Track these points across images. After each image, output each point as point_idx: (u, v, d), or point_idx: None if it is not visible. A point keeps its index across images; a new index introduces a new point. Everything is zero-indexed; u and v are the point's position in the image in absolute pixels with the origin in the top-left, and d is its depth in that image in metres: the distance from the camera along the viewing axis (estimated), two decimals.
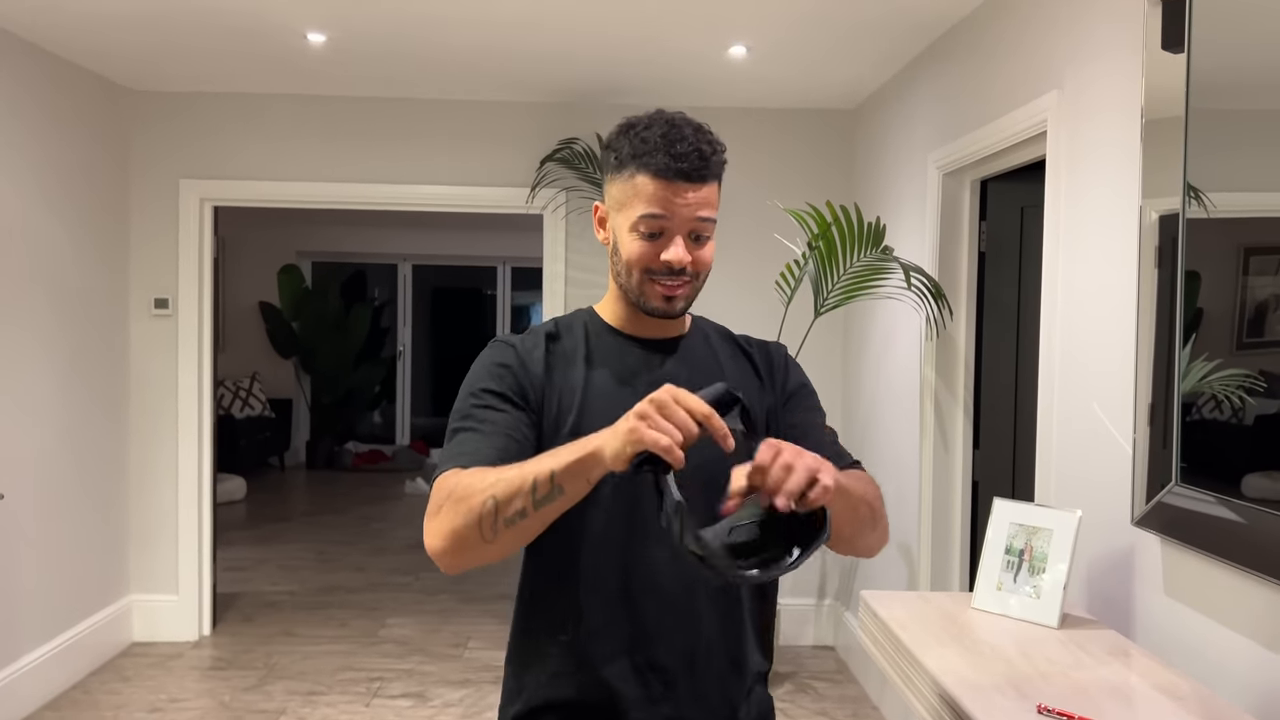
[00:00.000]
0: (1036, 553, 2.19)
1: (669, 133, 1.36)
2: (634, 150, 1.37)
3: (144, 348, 4.66)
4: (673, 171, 1.35)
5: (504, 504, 1.23)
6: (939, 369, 3.56)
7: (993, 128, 3.07)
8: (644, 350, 1.48)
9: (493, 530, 1.24)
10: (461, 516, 1.26)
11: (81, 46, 3.93)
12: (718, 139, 1.41)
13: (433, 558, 1.31)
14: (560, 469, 1.21)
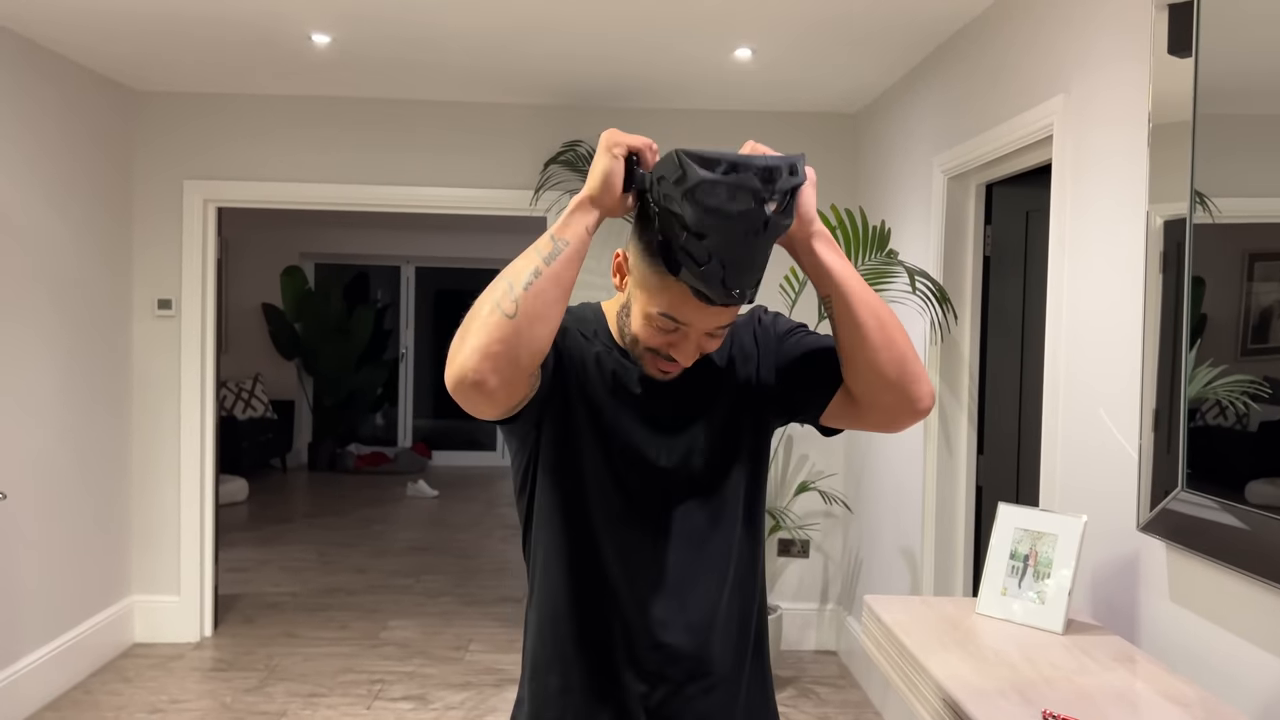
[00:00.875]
0: (1041, 558, 2.18)
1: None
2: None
3: (146, 348, 4.66)
4: (712, 301, 1.29)
5: (516, 277, 1.25)
6: (943, 373, 3.55)
7: (998, 132, 3.06)
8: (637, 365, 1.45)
9: (513, 303, 1.23)
10: (481, 318, 1.24)
11: (86, 47, 3.93)
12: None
13: (470, 390, 1.23)
14: (557, 227, 1.29)
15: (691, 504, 1.42)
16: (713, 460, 1.43)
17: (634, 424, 1.41)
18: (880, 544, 4.20)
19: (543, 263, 1.25)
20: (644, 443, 1.41)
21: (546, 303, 1.24)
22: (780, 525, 4.44)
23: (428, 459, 10.07)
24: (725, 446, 1.44)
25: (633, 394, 1.42)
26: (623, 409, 1.42)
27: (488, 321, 1.22)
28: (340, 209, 4.87)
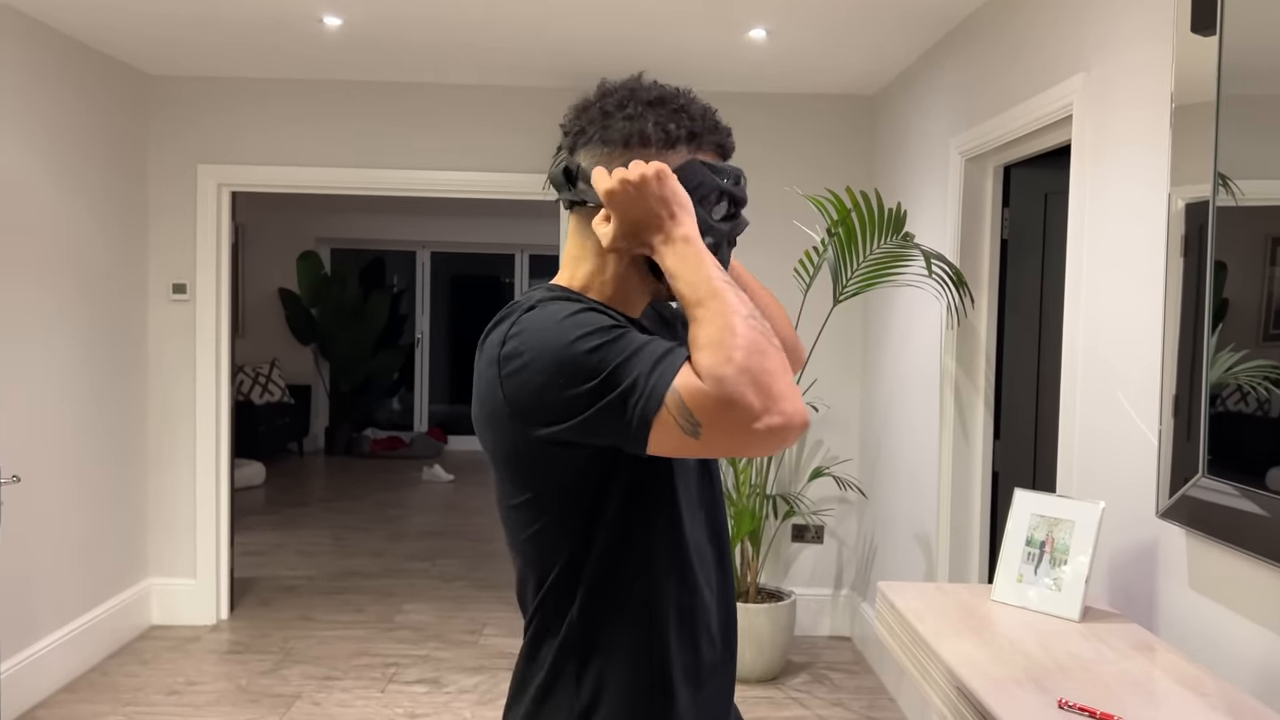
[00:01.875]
0: (1058, 544, 2.15)
1: (706, 105, 1.32)
2: (695, 127, 1.28)
3: (162, 333, 4.67)
4: (729, 148, 1.32)
5: (757, 313, 1.13)
6: (959, 358, 3.52)
7: (1017, 112, 3.02)
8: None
9: (774, 335, 1.13)
10: (773, 359, 1.09)
11: (102, 32, 3.93)
12: None
13: (799, 429, 1.08)
14: (711, 262, 1.18)
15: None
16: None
17: None
18: (895, 530, 4.18)
19: (745, 295, 1.17)
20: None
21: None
22: (794, 511, 4.42)
23: (443, 444, 10.09)
24: None
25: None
26: None
27: (786, 361, 1.10)
28: (354, 193, 4.86)
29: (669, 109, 1.30)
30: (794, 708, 3.93)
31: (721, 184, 1.30)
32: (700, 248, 1.19)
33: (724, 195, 1.30)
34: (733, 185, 1.30)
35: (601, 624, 1.25)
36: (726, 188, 1.30)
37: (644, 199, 1.20)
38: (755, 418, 1.05)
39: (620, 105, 1.29)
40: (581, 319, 1.16)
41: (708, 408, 1.05)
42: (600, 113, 1.29)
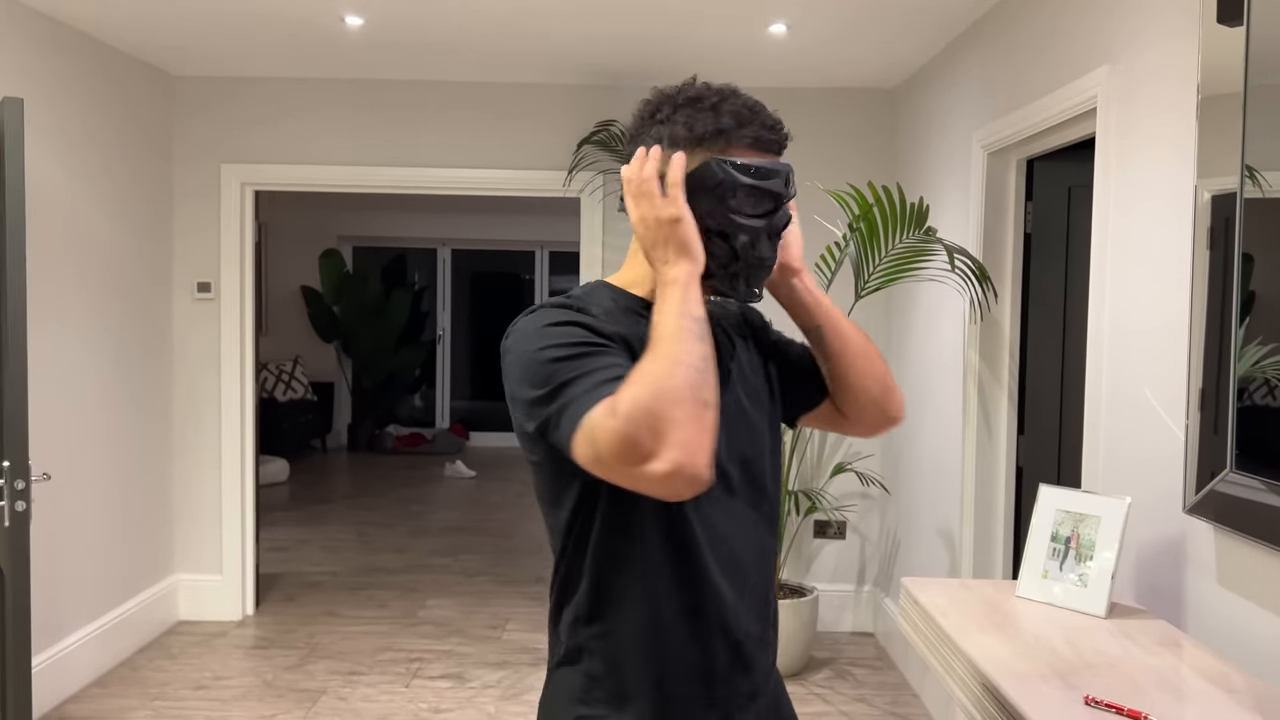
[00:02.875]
0: (1083, 540, 2.14)
1: (749, 103, 1.34)
2: (722, 124, 1.31)
3: (187, 331, 4.71)
4: (768, 143, 1.33)
5: (697, 361, 1.15)
6: (983, 353, 3.50)
7: (1040, 105, 3.00)
8: (726, 333, 1.49)
9: (711, 392, 1.15)
10: (686, 408, 1.11)
11: (126, 33, 3.96)
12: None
13: (694, 482, 1.11)
14: (683, 305, 1.21)
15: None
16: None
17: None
18: (918, 525, 4.16)
19: (704, 345, 1.18)
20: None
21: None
22: (816, 506, 4.41)
23: (465, 440, 10.13)
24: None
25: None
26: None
27: (702, 416, 1.12)
28: (375, 191, 4.88)
29: (699, 108, 1.32)
30: (816, 704, 3.93)
31: (744, 180, 1.30)
32: (684, 294, 1.23)
33: (753, 191, 1.31)
34: (761, 179, 1.30)
35: (605, 601, 1.33)
36: (751, 183, 1.30)
37: (649, 208, 1.29)
38: (643, 459, 1.10)
39: (657, 109, 1.36)
40: (558, 331, 1.24)
41: (606, 439, 1.11)
42: (641, 118, 1.37)
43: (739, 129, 1.32)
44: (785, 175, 1.32)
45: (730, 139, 1.32)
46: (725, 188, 1.30)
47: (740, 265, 1.34)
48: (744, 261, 1.33)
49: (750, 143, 1.31)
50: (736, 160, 1.30)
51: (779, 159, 1.35)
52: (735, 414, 1.40)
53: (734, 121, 1.32)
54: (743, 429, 1.41)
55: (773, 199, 1.32)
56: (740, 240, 1.32)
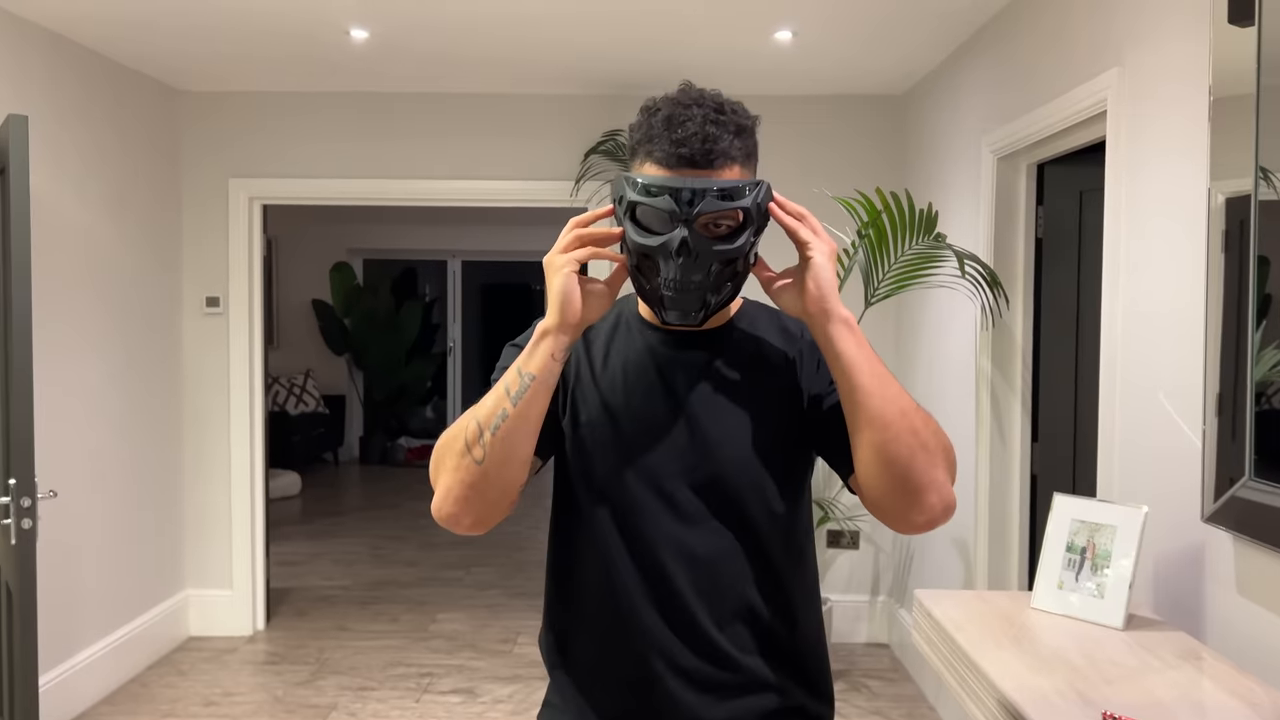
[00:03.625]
0: (1100, 550, 2.10)
1: (674, 114, 1.29)
2: (639, 136, 1.32)
3: (196, 345, 4.71)
4: (674, 158, 1.27)
5: (486, 419, 1.27)
6: (995, 360, 3.46)
7: (1050, 108, 2.97)
8: (679, 348, 1.42)
9: (481, 449, 1.26)
10: (452, 460, 1.29)
11: (133, 48, 3.97)
12: (738, 118, 1.31)
13: (445, 524, 1.31)
14: (523, 358, 1.28)
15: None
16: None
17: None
18: (932, 535, 4.12)
19: (510, 403, 1.26)
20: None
21: (514, 444, 1.27)
22: (829, 516, 4.37)
23: None
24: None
25: (672, 390, 1.48)
26: (658, 412, 1.50)
27: (459, 465, 1.28)
28: (384, 204, 4.88)
29: (644, 118, 1.32)
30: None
31: (630, 196, 1.27)
32: (532, 348, 1.29)
33: (646, 209, 1.27)
34: (646, 197, 1.26)
35: (553, 609, 1.46)
36: (636, 199, 1.27)
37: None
38: (432, 481, 1.34)
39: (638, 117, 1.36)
40: (509, 350, 1.44)
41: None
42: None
43: (648, 143, 1.30)
44: (683, 193, 1.24)
45: (642, 153, 1.31)
46: (625, 205, 1.28)
47: (650, 290, 1.32)
48: (651, 285, 1.31)
49: (660, 158, 1.28)
50: (636, 177, 1.28)
51: (712, 173, 1.27)
52: (688, 433, 1.37)
53: (646, 135, 1.30)
54: (699, 449, 1.36)
55: (669, 219, 1.26)
56: (631, 261, 1.31)
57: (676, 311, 1.31)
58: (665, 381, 1.39)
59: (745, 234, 1.30)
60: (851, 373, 1.25)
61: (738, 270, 1.33)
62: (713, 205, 1.25)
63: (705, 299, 1.31)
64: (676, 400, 1.38)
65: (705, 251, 1.27)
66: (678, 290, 1.28)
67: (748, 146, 1.32)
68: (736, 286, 1.35)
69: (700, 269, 1.27)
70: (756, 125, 1.34)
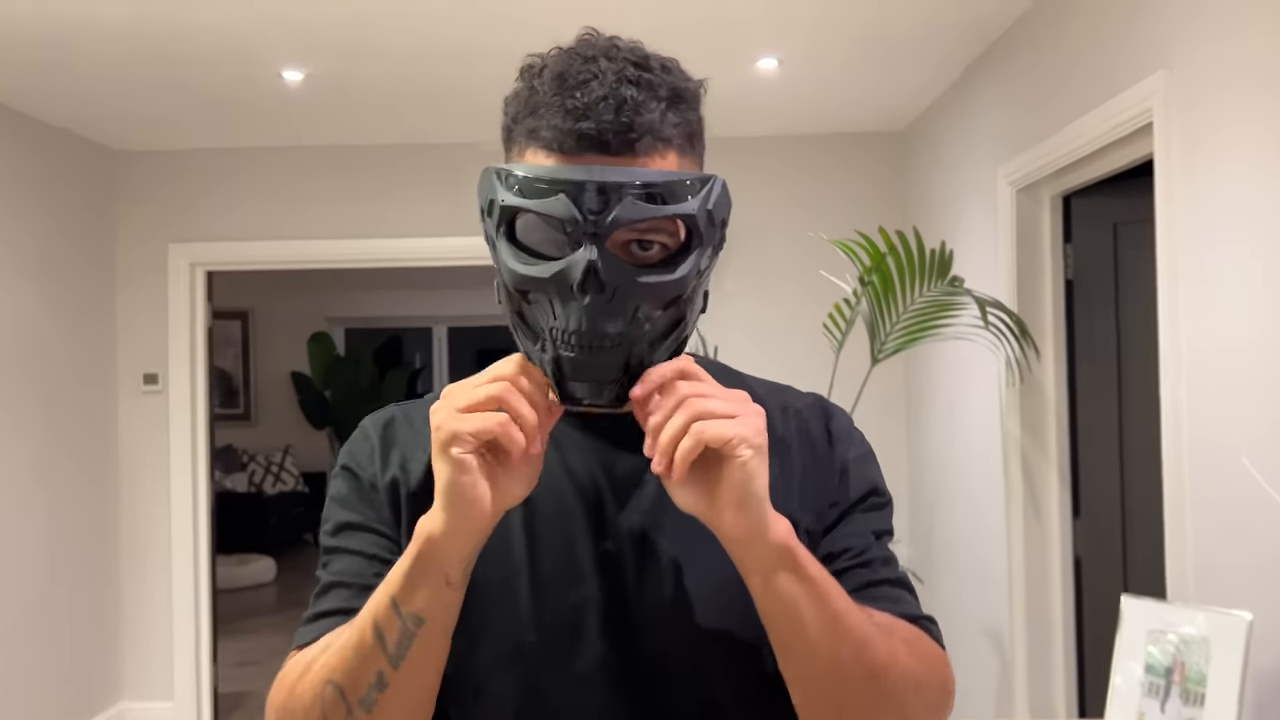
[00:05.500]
0: (1190, 672, 1.62)
1: (570, 70, 0.85)
2: (517, 109, 0.88)
3: (134, 428, 4.26)
4: (572, 137, 0.83)
5: (349, 682, 0.83)
6: (1025, 421, 2.99)
7: (1076, 128, 2.55)
8: (604, 447, 0.95)
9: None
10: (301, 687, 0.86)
11: (62, 106, 3.62)
12: (671, 78, 0.88)
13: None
14: (399, 587, 0.82)
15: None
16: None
17: None
18: (959, 621, 3.61)
19: (389, 663, 0.82)
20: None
21: (409, 710, 0.85)
22: None
23: None
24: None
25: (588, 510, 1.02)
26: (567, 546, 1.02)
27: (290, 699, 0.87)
28: (351, 266, 4.49)
29: (521, 85, 0.90)
30: None
31: (502, 199, 0.83)
32: (408, 570, 0.84)
33: (526, 217, 0.83)
34: (520, 196, 0.81)
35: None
36: (515, 203, 0.82)
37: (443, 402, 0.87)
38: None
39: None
40: (334, 481, 1.03)
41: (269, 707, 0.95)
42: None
43: (531, 116, 0.86)
44: (587, 189, 0.79)
45: (523, 134, 0.87)
46: (497, 215, 0.84)
47: (538, 351, 0.85)
48: (541, 343, 0.85)
49: (549, 138, 0.84)
50: (513, 168, 0.83)
51: (634, 161, 0.83)
52: (624, 586, 0.91)
53: (527, 106, 0.86)
54: (645, 613, 0.91)
55: (565, 233, 0.81)
56: (510, 305, 0.87)
57: (582, 384, 0.85)
58: (584, 504, 0.93)
59: (690, 258, 0.85)
60: (796, 629, 0.83)
61: (682, 315, 0.87)
62: (636, 210, 0.81)
63: (628, 363, 0.84)
64: (602, 534, 0.92)
65: (626, 284, 0.82)
66: (582, 349, 0.82)
67: (689, 124, 0.89)
68: (679, 342, 0.89)
69: (618, 313, 0.82)
70: (702, 94, 0.90)
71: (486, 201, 0.85)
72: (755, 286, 4.17)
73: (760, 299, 4.18)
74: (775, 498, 0.82)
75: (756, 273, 4.17)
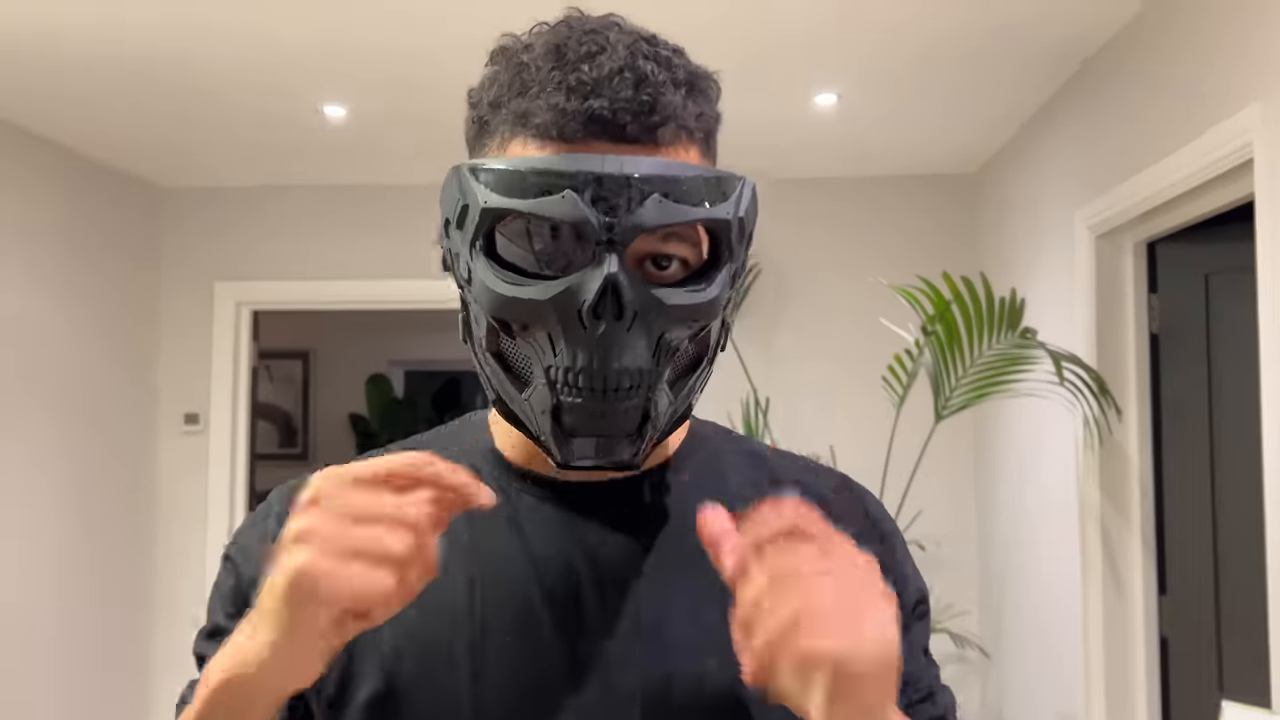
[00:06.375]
0: None
1: (568, 44, 0.67)
2: (497, 92, 0.70)
3: (173, 468, 4.18)
4: (578, 119, 0.66)
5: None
6: (1105, 486, 2.73)
7: (1162, 168, 2.32)
8: (590, 524, 0.76)
9: None
10: None
11: (108, 142, 3.59)
12: (685, 61, 0.71)
13: None
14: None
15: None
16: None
17: None
18: (1032, 704, 3.32)
19: None
20: None
21: None
22: None
23: None
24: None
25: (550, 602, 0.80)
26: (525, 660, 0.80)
27: None
28: (394, 307, 4.42)
29: (499, 66, 0.72)
30: None
31: (484, 199, 0.65)
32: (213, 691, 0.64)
33: (516, 224, 0.66)
34: (510, 194, 0.64)
35: None
36: (499, 204, 0.65)
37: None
38: None
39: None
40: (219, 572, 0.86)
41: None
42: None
43: (520, 97, 0.68)
44: (604, 184, 0.62)
45: (506, 121, 0.69)
46: (473, 224, 0.67)
47: (526, 402, 0.68)
48: (528, 392, 0.68)
49: (545, 122, 0.67)
50: (492, 163, 0.66)
51: (656, 151, 0.66)
52: (619, 688, 0.72)
53: (514, 86, 0.68)
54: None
55: (575, 240, 0.65)
56: (480, 345, 0.70)
57: (589, 440, 0.67)
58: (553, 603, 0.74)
59: (720, 275, 0.68)
60: None
61: (705, 349, 0.70)
62: (665, 212, 0.63)
63: (648, 410, 0.67)
64: (579, 635, 0.73)
65: (651, 307, 0.65)
66: (593, 393, 0.65)
67: (708, 119, 0.72)
68: (698, 386, 0.72)
69: (639, 344, 0.65)
70: (717, 88, 0.74)
71: (456, 209, 0.68)
72: (809, 334, 3.97)
73: (815, 347, 3.97)
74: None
75: (811, 319, 3.97)
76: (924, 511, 3.67)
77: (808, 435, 3.84)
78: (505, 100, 0.69)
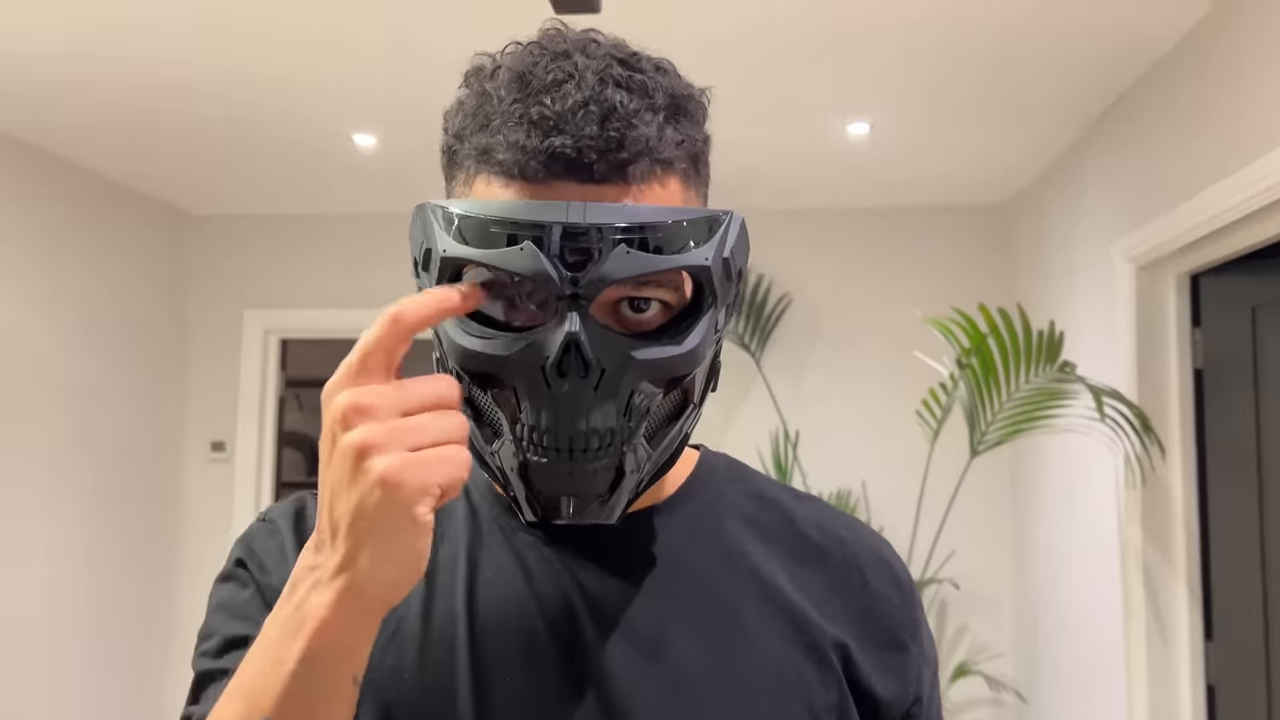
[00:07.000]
0: None
1: (533, 71, 0.64)
2: (461, 123, 0.67)
3: (199, 496, 4.17)
4: (539, 158, 0.62)
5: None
6: (1147, 527, 2.64)
7: (1205, 199, 2.25)
8: (569, 552, 0.73)
9: None
10: None
11: (138, 169, 3.61)
12: (668, 80, 0.66)
13: None
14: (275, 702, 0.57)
15: None
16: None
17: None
18: None
19: None
20: None
21: None
22: None
23: None
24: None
25: (534, 644, 0.77)
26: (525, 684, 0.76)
27: None
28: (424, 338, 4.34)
29: (467, 94, 0.68)
30: None
31: (447, 249, 0.63)
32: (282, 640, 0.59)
33: (481, 276, 0.63)
34: (470, 243, 0.61)
35: None
36: (458, 254, 0.62)
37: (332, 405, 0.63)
38: None
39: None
40: (218, 588, 0.80)
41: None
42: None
43: (482, 131, 0.64)
44: (553, 233, 0.59)
45: (470, 157, 0.66)
46: (430, 269, 0.65)
47: (494, 456, 0.64)
48: (497, 445, 0.64)
49: (507, 162, 0.63)
50: (453, 207, 0.63)
51: (625, 190, 0.62)
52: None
53: (476, 119, 0.65)
54: None
55: (535, 294, 0.62)
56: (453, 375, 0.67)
57: (554, 496, 0.63)
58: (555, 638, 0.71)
59: (701, 322, 0.64)
60: None
61: (687, 398, 0.67)
62: (631, 263, 0.60)
63: (619, 470, 0.63)
64: (579, 670, 0.70)
65: (618, 363, 0.61)
66: (559, 452, 0.61)
67: (693, 142, 0.67)
68: (681, 435, 0.68)
69: (607, 402, 0.61)
70: (706, 105, 0.69)
71: (421, 252, 0.65)
72: (841, 367, 3.90)
73: (846, 380, 3.90)
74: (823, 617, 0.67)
75: (843, 351, 3.91)
76: (958, 550, 3.59)
77: (839, 471, 3.77)
78: (468, 134, 0.66)
